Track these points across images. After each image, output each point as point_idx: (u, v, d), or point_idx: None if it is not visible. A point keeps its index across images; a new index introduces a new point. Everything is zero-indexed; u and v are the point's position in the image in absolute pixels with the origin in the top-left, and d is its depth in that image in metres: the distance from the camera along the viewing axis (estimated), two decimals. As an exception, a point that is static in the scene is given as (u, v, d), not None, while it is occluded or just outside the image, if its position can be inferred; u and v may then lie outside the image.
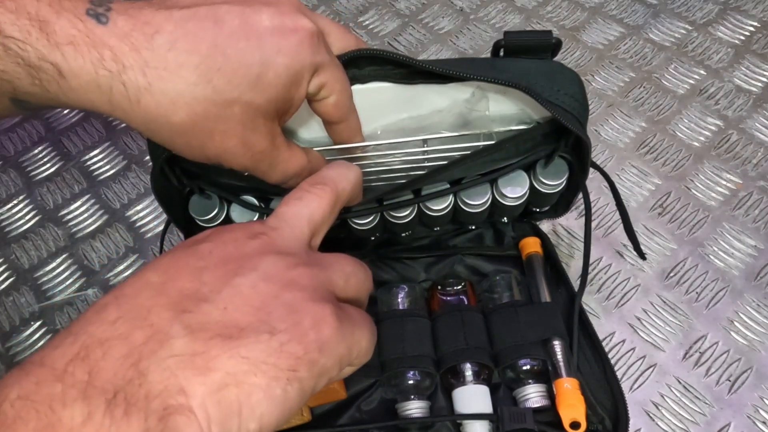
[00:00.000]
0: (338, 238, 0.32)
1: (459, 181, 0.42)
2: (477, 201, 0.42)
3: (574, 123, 0.36)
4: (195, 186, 0.41)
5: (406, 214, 0.43)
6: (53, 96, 0.28)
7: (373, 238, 0.50)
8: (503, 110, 0.39)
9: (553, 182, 0.41)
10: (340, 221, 0.43)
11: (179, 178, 0.40)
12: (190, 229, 0.44)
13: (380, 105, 0.38)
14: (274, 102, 0.31)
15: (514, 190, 0.41)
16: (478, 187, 0.42)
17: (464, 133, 0.39)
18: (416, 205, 0.43)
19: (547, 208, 0.48)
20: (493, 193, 0.43)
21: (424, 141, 0.39)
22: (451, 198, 0.42)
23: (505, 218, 0.49)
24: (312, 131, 0.40)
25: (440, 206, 0.42)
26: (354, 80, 0.37)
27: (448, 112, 0.39)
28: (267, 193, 0.42)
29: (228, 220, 0.43)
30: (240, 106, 0.30)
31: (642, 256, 0.47)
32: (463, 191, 0.42)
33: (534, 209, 0.48)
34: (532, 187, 0.42)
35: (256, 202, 0.42)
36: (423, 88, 0.38)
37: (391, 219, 0.43)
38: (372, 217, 0.43)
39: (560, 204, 0.47)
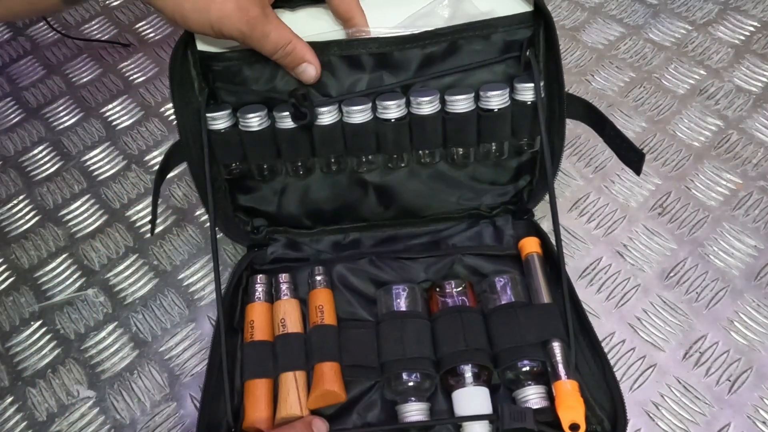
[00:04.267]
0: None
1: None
2: (462, 96, 0.44)
3: None
4: (213, 87, 0.45)
5: (397, 104, 0.45)
6: None
7: (370, 158, 0.50)
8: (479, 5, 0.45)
9: (530, 84, 0.44)
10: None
11: (199, 63, 0.44)
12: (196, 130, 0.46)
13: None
14: None
15: (496, 91, 0.44)
16: (463, 90, 0.45)
17: (450, 25, 0.44)
18: (407, 106, 0.45)
19: (535, 146, 0.48)
20: (477, 105, 0.45)
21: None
22: (437, 99, 0.45)
23: (494, 145, 0.48)
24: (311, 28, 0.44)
25: (428, 101, 0.44)
26: None
27: (440, 6, 0.44)
28: (275, 102, 0.45)
29: (237, 132, 0.46)
30: None
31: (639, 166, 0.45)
32: (449, 93, 0.45)
33: (523, 140, 0.48)
34: (513, 101, 0.45)
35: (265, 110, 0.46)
36: None
37: (382, 116, 0.45)
38: (368, 107, 0.45)
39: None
